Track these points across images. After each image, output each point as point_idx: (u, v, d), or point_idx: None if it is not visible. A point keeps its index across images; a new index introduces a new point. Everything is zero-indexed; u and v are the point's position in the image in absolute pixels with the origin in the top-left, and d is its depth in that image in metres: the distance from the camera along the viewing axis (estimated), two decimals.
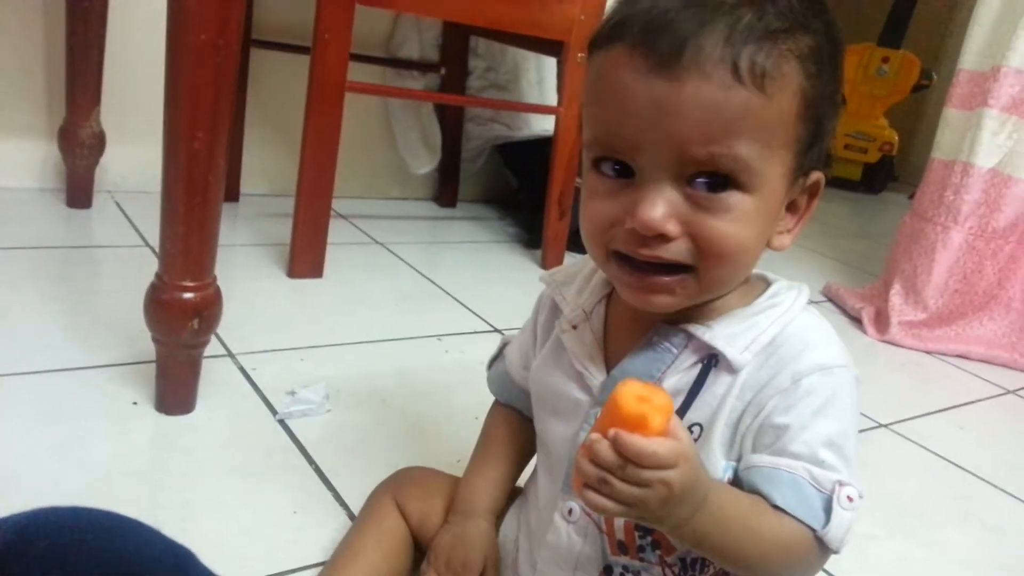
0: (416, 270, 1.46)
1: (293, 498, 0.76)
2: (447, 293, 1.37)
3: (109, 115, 1.43)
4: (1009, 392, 1.38)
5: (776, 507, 0.46)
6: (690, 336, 0.49)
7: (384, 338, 1.15)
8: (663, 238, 0.44)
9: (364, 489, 0.69)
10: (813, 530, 0.46)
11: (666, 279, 0.46)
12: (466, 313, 1.30)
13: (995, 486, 1.03)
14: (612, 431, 0.40)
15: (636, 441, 0.39)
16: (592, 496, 0.40)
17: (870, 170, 3.15)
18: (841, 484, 0.46)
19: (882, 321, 1.54)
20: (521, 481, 0.66)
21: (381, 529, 0.64)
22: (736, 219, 0.44)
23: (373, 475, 0.70)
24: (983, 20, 1.52)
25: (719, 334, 0.49)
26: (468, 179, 1.97)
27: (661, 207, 0.43)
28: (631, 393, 0.40)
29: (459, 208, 1.94)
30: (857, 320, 1.58)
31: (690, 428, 0.49)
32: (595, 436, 0.40)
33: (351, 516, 0.74)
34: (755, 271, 0.53)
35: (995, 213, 1.51)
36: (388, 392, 0.99)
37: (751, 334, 0.49)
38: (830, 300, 1.70)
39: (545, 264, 1.59)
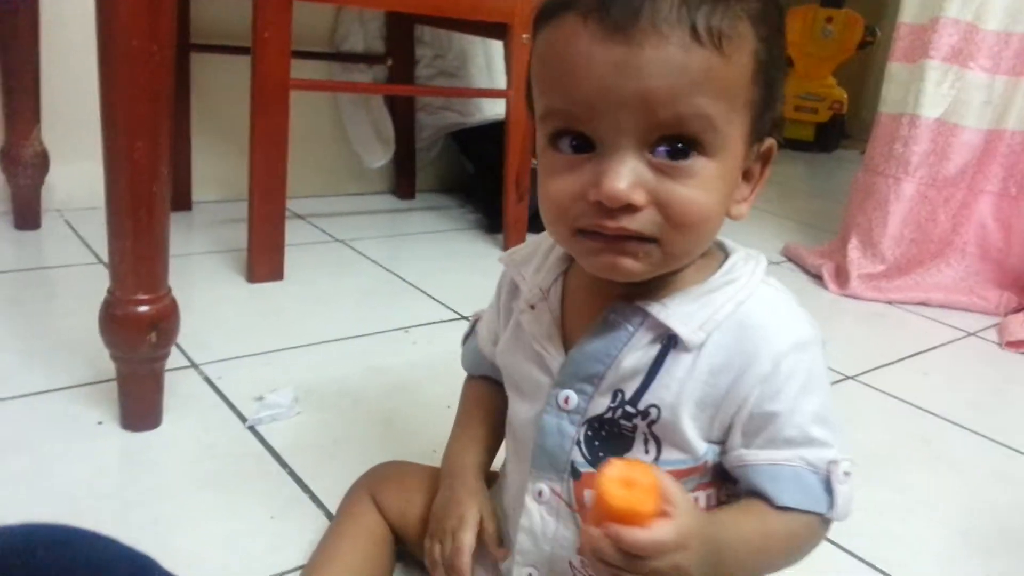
0: (378, 264, 1.45)
1: (269, 504, 0.75)
2: (411, 285, 1.37)
3: (51, 132, 1.40)
4: (970, 335, 1.41)
5: (785, 507, 0.47)
6: (646, 314, 0.49)
7: (350, 335, 1.14)
8: (630, 208, 0.43)
9: (341, 489, 0.69)
10: (820, 514, 0.48)
11: (631, 246, 0.45)
12: (432, 303, 1.29)
13: (960, 426, 1.06)
14: (608, 529, 0.39)
15: (635, 536, 0.38)
16: None
17: (822, 129, 3.19)
18: (835, 462, 0.47)
19: (842, 276, 1.56)
20: (496, 466, 0.67)
21: (358, 527, 0.64)
22: (700, 184, 0.43)
23: (349, 474, 0.70)
24: None
25: (674, 312, 0.48)
26: (425, 169, 1.96)
27: (627, 176, 0.42)
28: (614, 481, 0.39)
29: (418, 199, 1.93)
30: (818, 277, 1.61)
31: (647, 409, 0.49)
32: (595, 533, 0.40)
33: (330, 517, 0.74)
34: (715, 243, 0.53)
35: (944, 162, 1.54)
36: (358, 389, 0.99)
37: (706, 312, 0.48)
38: (790, 260, 1.72)
39: (507, 248, 1.59)
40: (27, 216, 1.41)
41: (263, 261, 1.30)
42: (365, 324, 1.18)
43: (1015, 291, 1.53)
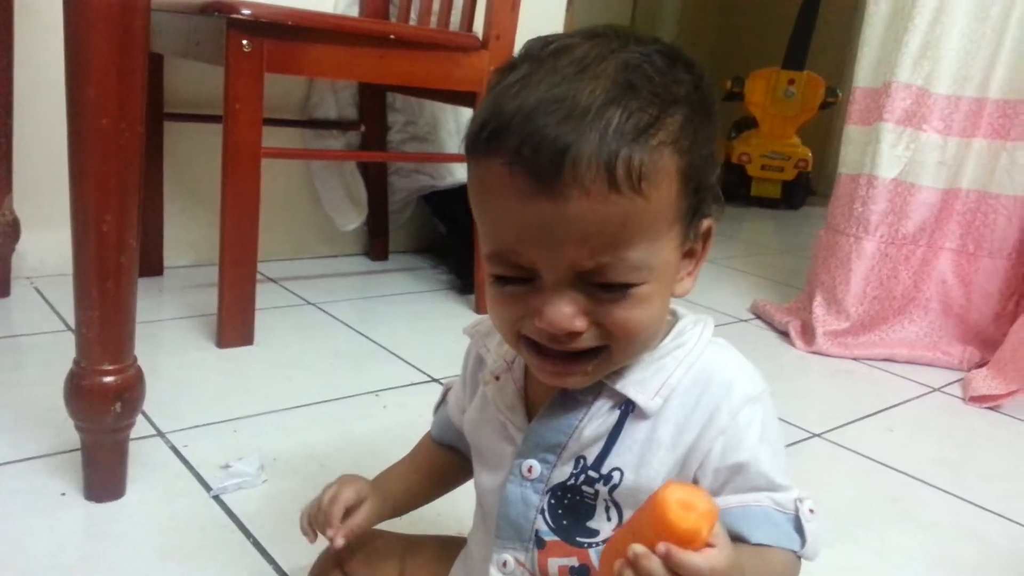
0: (350, 327, 1.46)
1: (233, 575, 0.74)
2: (382, 347, 1.37)
3: (22, 200, 1.40)
4: (935, 390, 1.44)
5: (757, 544, 0.48)
6: (602, 384, 0.51)
7: (319, 400, 1.14)
8: (574, 334, 0.45)
9: (306, 559, 0.68)
10: (793, 551, 0.49)
11: (578, 364, 0.48)
12: (403, 366, 1.30)
13: (927, 483, 1.07)
14: (663, 546, 0.38)
15: (693, 560, 0.38)
16: None
17: (788, 187, 3.27)
18: (800, 500, 0.50)
19: (808, 333, 1.59)
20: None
21: None
22: (638, 304, 0.46)
23: (315, 544, 0.69)
24: (871, 39, 1.61)
25: (630, 380, 0.50)
26: (397, 231, 1.98)
27: (567, 307, 0.45)
28: (676, 501, 0.38)
29: (391, 260, 1.95)
30: (785, 334, 1.63)
31: (611, 472, 0.50)
32: (642, 550, 0.39)
33: None
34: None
35: (903, 220, 1.58)
36: (326, 455, 0.98)
37: (660, 378, 0.50)
38: (758, 317, 1.75)
39: (479, 308, 1.61)
40: None
41: (233, 326, 1.30)
42: (335, 388, 1.18)
43: (977, 346, 1.56)
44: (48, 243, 1.46)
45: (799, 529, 0.49)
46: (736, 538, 0.48)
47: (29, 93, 1.40)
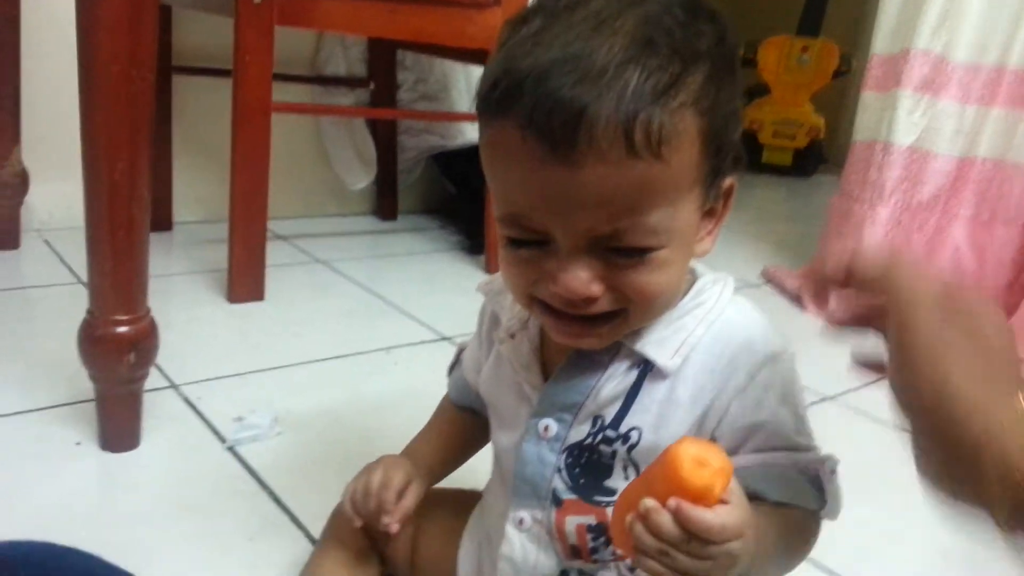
0: (360, 285, 1.46)
1: (248, 525, 0.75)
2: (393, 306, 1.37)
3: (31, 152, 1.39)
4: None
5: (777, 503, 0.48)
6: (620, 344, 0.50)
7: (331, 356, 1.14)
8: (591, 299, 0.45)
9: (321, 510, 0.68)
10: (813, 511, 0.49)
11: (596, 327, 0.47)
12: (413, 324, 1.30)
13: None
14: (674, 502, 0.38)
15: (704, 516, 0.38)
16: (651, 565, 0.39)
17: (800, 155, 3.24)
18: (821, 462, 0.49)
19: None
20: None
21: (345, 551, 0.63)
22: (656, 268, 0.44)
23: (329, 495, 0.69)
24: (889, 5, 1.58)
25: (648, 340, 0.49)
26: (406, 190, 1.97)
27: (583, 272, 0.44)
28: (690, 457, 0.38)
29: (400, 220, 1.94)
30: (797, 299, 1.63)
31: (628, 432, 0.50)
32: (652, 504, 0.39)
33: (310, 538, 0.74)
34: None
35: (917, 188, 1.57)
36: (338, 410, 0.99)
37: (679, 337, 0.49)
38: (769, 282, 1.74)
39: (489, 268, 1.60)
40: (6, 236, 1.40)
41: (244, 282, 1.29)
42: (346, 345, 1.18)
43: None
44: (57, 195, 1.46)
45: (819, 489, 0.49)
46: (754, 497, 0.48)
47: (36, 42, 1.38)
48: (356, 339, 1.21)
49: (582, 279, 0.44)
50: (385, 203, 1.92)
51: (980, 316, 0.37)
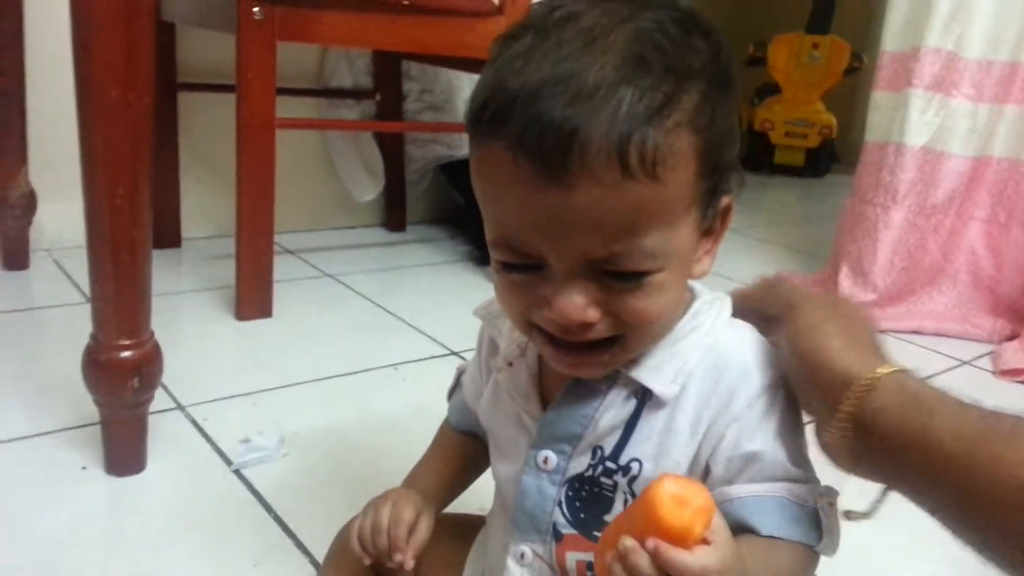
0: (369, 299, 1.45)
1: (252, 550, 0.74)
2: (401, 320, 1.36)
3: (39, 172, 1.40)
4: (964, 363, 1.41)
5: (772, 536, 0.46)
6: (617, 372, 0.48)
7: (339, 373, 1.13)
8: (587, 325, 0.43)
9: (326, 533, 0.67)
10: (809, 546, 0.47)
11: (594, 355, 0.45)
12: (422, 338, 1.29)
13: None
14: (652, 543, 0.37)
15: (681, 559, 0.37)
16: None
17: (812, 154, 3.21)
18: (820, 495, 0.47)
19: None
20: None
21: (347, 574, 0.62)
22: (654, 292, 0.43)
23: (335, 518, 0.68)
24: (899, 2, 1.56)
25: (645, 367, 0.48)
26: (415, 201, 1.96)
27: (579, 297, 0.42)
28: (669, 496, 0.37)
29: (409, 231, 1.93)
30: None
31: (629, 464, 0.48)
32: (631, 545, 0.38)
33: (315, 563, 0.73)
34: None
35: (932, 189, 1.54)
36: (346, 429, 0.98)
37: (676, 363, 0.48)
38: None
39: None
40: (15, 257, 1.40)
41: (251, 299, 1.29)
42: (354, 362, 1.17)
43: (1008, 318, 1.52)
44: (66, 215, 1.45)
45: (816, 523, 0.47)
46: (747, 529, 0.47)
47: (42, 62, 1.38)
48: (364, 355, 1.20)
49: (578, 304, 0.42)
50: (393, 215, 1.91)
51: (844, 307, 0.48)
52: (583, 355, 0.45)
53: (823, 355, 0.44)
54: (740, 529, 0.47)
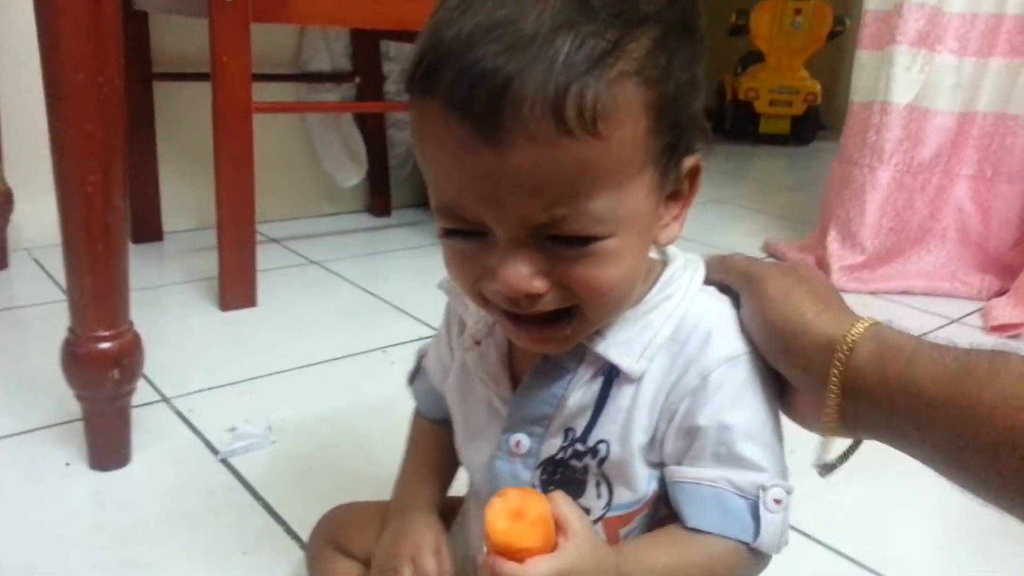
0: (355, 284, 1.44)
1: (242, 539, 0.73)
2: (389, 304, 1.35)
3: (15, 170, 1.37)
4: (954, 321, 1.40)
5: (703, 531, 0.44)
6: (583, 347, 0.46)
7: (326, 359, 1.12)
8: (534, 296, 0.41)
9: (314, 517, 0.66)
10: (744, 542, 0.44)
11: (552, 329, 0.43)
12: (410, 321, 1.28)
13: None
14: (488, 559, 0.39)
15: (509, 571, 0.38)
16: None
17: (798, 122, 3.19)
18: (764, 488, 0.44)
19: (823, 268, 1.55)
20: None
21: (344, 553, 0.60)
22: (604, 260, 0.40)
23: (324, 502, 0.67)
24: None
25: (612, 342, 0.46)
26: (399, 185, 1.94)
27: (523, 267, 0.40)
28: (504, 511, 0.39)
29: (394, 216, 1.91)
30: None
31: (596, 445, 0.47)
32: (481, 559, 0.39)
33: (304, 548, 0.72)
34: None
35: (918, 147, 1.53)
36: (335, 414, 0.97)
37: (646, 336, 0.46)
38: (772, 256, 1.71)
39: None
40: None
41: (235, 288, 1.27)
42: (342, 347, 1.16)
43: (997, 274, 1.52)
44: (44, 213, 1.43)
45: (756, 518, 0.44)
46: (678, 517, 0.46)
47: (12, 58, 1.36)
48: (351, 340, 1.19)
49: (522, 274, 0.39)
50: (378, 199, 1.89)
51: (804, 270, 0.47)
52: (541, 329, 0.43)
53: (799, 321, 0.43)
54: (674, 517, 0.46)
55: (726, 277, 0.49)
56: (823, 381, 0.41)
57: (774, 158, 3.04)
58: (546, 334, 0.43)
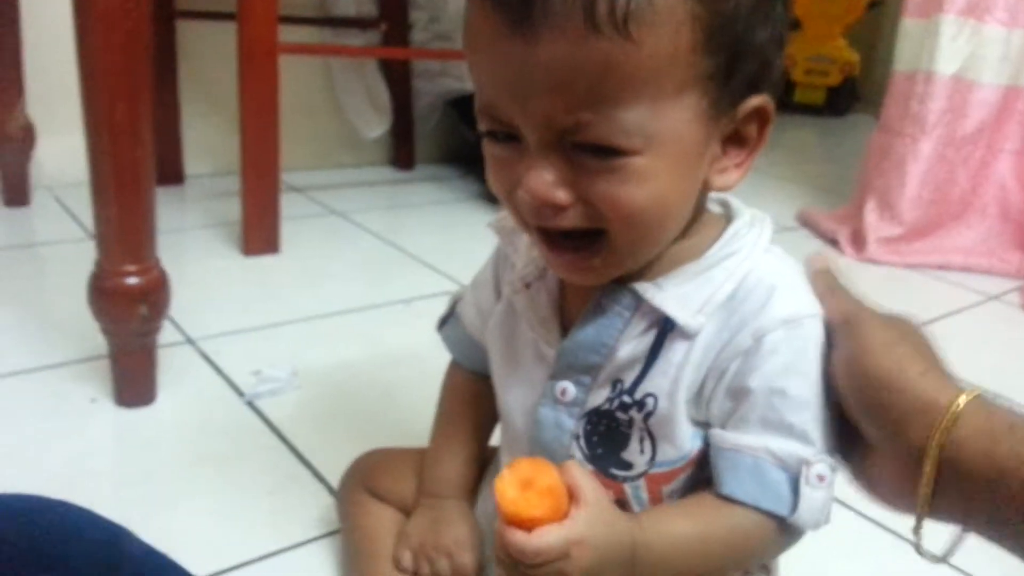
0: (378, 236, 1.41)
1: (268, 480, 0.72)
2: (412, 257, 1.33)
3: (38, 106, 1.35)
4: (991, 299, 1.37)
5: (736, 500, 0.43)
6: (639, 298, 0.44)
7: (350, 308, 1.10)
8: (557, 207, 0.39)
9: (342, 462, 0.65)
10: (781, 517, 0.42)
11: (581, 255, 0.42)
12: (434, 274, 1.25)
13: (986, 391, 1.01)
14: (500, 527, 0.39)
15: (517, 541, 0.37)
16: None
17: (833, 93, 3.11)
18: (808, 463, 0.42)
19: (859, 240, 1.52)
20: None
21: (375, 521, 0.59)
22: (630, 179, 0.38)
23: (350, 447, 0.66)
24: None
25: (670, 295, 0.44)
26: (424, 139, 1.91)
27: (546, 175, 0.39)
28: (511, 482, 0.38)
29: (417, 170, 1.88)
30: (834, 242, 1.56)
31: (644, 399, 0.45)
32: (496, 528, 0.39)
33: (331, 490, 0.70)
34: (719, 202, 0.48)
35: (961, 120, 1.48)
36: (359, 363, 0.95)
37: (705, 292, 0.43)
38: (805, 226, 1.68)
39: None
40: (15, 193, 1.37)
41: (258, 234, 1.25)
42: (365, 297, 1.14)
43: None
44: (67, 150, 1.41)
45: (795, 492, 0.42)
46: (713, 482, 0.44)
47: None
48: (375, 291, 1.17)
49: (546, 180, 0.39)
50: (402, 152, 1.86)
51: (907, 324, 0.43)
52: (574, 256, 0.42)
53: (900, 377, 0.39)
54: (709, 481, 0.45)
55: (825, 308, 0.45)
56: (918, 447, 0.38)
57: (808, 128, 2.98)
58: (577, 261, 0.42)
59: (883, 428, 0.40)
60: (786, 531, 0.43)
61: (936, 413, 0.38)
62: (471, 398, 0.59)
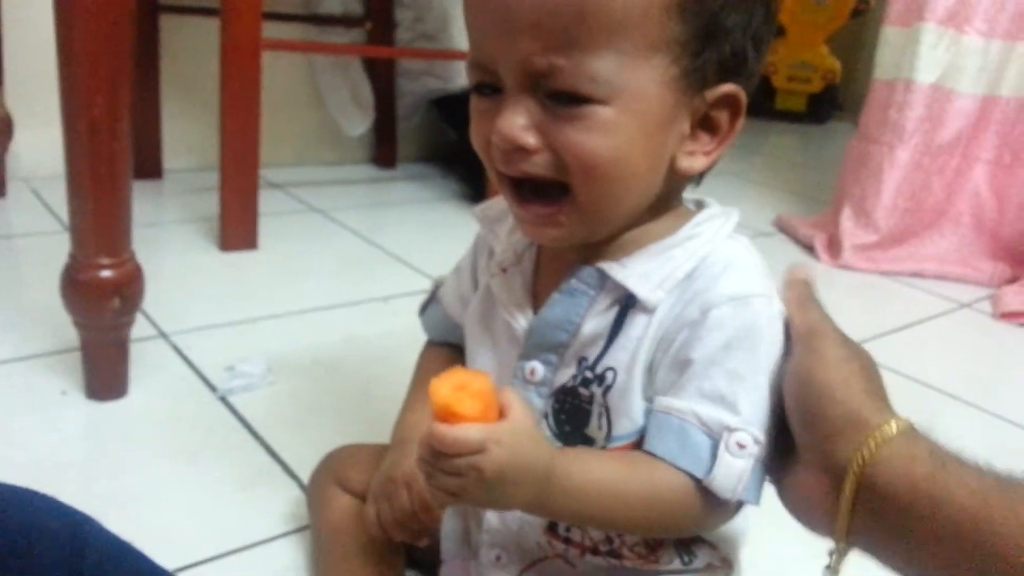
0: (357, 234, 1.41)
1: (239, 475, 0.72)
2: (391, 255, 1.33)
3: (15, 98, 1.34)
4: (964, 306, 1.39)
5: (656, 456, 0.43)
6: (604, 275, 0.46)
7: (326, 305, 1.10)
8: (524, 152, 0.42)
9: (313, 458, 0.65)
10: (698, 480, 0.43)
11: (545, 208, 0.44)
12: (413, 273, 1.25)
13: (956, 398, 1.03)
14: (428, 424, 0.39)
15: (439, 431, 0.38)
16: (429, 488, 0.40)
17: (815, 100, 3.14)
18: (730, 430, 0.42)
19: (835, 247, 1.53)
20: None
21: (342, 517, 0.59)
22: (592, 128, 0.41)
23: (322, 444, 0.66)
24: None
25: (632, 272, 0.45)
26: (406, 137, 1.91)
27: (518, 118, 0.41)
28: (445, 382, 0.39)
29: (399, 168, 1.88)
30: (810, 248, 1.58)
31: (604, 373, 0.46)
32: (423, 429, 0.40)
33: (302, 487, 0.70)
34: (695, 201, 0.50)
35: (939, 129, 1.50)
36: (334, 359, 0.95)
37: (665, 269, 0.45)
38: (782, 231, 1.69)
39: None
40: None
41: (235, 229, 1.25)
42: (342, 294, 1.14)
43: (1009, 262, 1.50)
44: (44, 142, 1.39)
45: (715, 456, 0.42)
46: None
47: None
48: (353, 288, 1.17)
49: (517, 123, 0.41)
50: (383, 151, 1.86)
51: (863, 351, 0.44)
52: (538, 207, 0.44)
53: (843, 391, 0.41)
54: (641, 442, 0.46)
55: (793, 319, 0.46)
56: (843, 461, 0.39)
57: (788, 135, 3.00)
58: (542, 216, 0.44)
59: (814, 436, 0.41)
60: (704, 498, 0.43)
61: (868, 431, 0.39)
62: (446, 361, 0.60)
